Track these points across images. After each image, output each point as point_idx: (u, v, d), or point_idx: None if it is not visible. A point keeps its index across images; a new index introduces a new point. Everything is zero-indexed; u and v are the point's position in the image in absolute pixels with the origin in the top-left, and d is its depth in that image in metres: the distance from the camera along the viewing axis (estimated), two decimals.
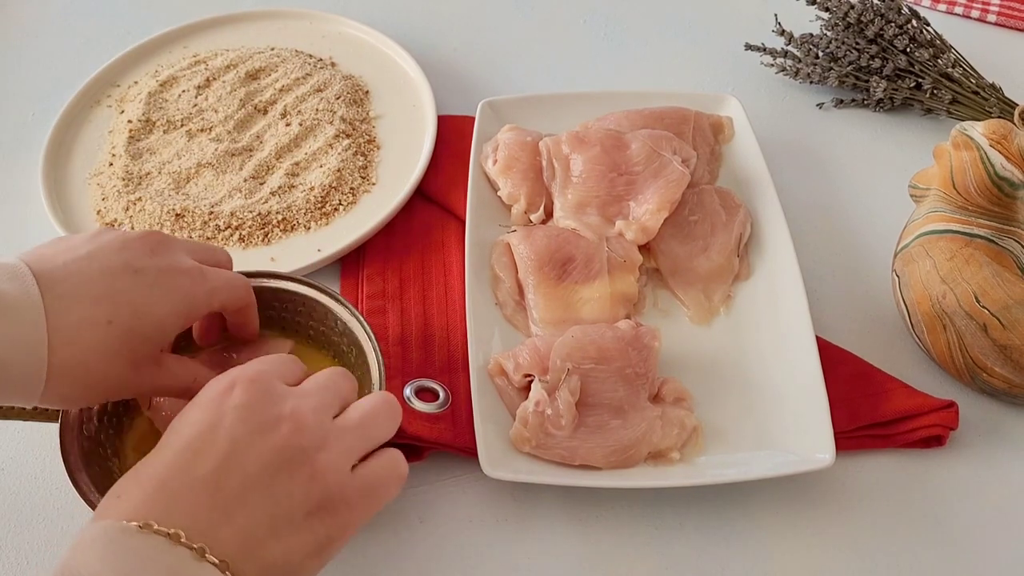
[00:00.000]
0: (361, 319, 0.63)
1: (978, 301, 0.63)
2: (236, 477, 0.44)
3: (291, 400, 0.47)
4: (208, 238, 0.76)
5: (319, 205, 0.78)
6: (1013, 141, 0.63)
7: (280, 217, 0.76)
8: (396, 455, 0.49)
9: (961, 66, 0.87)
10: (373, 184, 0.80)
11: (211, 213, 0.76)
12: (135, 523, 0.41)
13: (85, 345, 0.50)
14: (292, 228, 0.77)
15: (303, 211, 0.77)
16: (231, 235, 0.76)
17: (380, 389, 0.59)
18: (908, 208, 0.70)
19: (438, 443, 0.64)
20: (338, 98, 0.86)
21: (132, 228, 0.76)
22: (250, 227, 0.76)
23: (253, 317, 0.61)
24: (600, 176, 0.74)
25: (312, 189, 0.78)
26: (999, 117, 0.82)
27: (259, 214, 0.77)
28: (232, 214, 0.76)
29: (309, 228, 0.77)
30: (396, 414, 0.50)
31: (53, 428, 0.58)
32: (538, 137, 0.77)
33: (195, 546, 0.41)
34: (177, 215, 0.76)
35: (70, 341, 0.50)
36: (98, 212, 0.78)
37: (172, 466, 0.44)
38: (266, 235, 0.76)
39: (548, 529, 0.62)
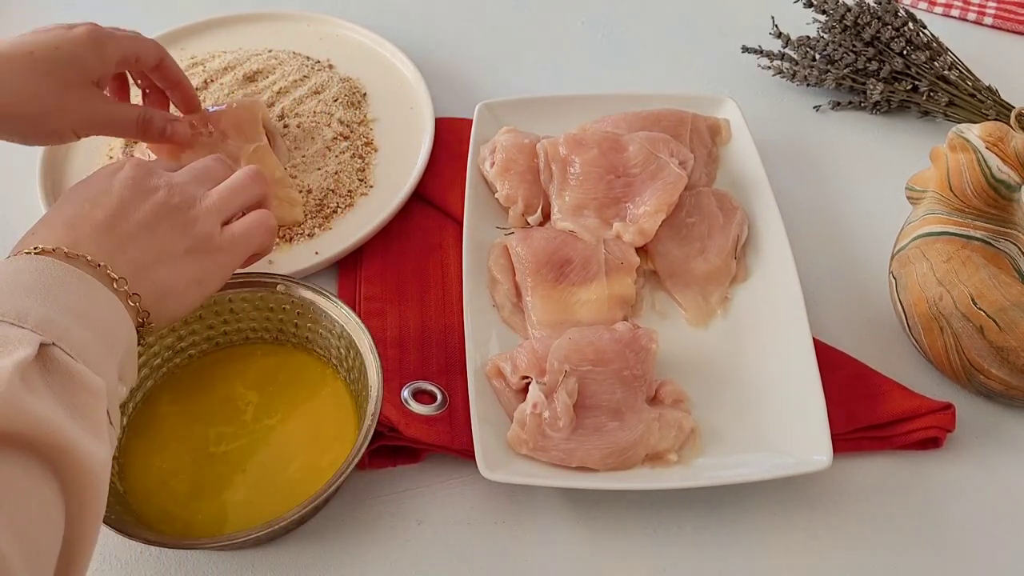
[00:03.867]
0: (359, 321, 0.63)
1: (975, 303, 0.63)
2: (125, 222, 0.55)
3: (168, 176, 0.59)
4: None
5: (317, 208, 0.78)
6: (1009, 143, 0.63)
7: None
8: (265, 213, 0.61)
9: (958, 68, 0.87)
10: (371, 187, 0.80)
11: None
12: (49, 248, 0.51)
13: (12, 72, 0.64)
14: (291, 238, 0.76)
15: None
16: None
17: (378, 391, 0.59)
18: (905, 210, 0.70)
19: (436, 445, 0.64)
20: (336, 100, 0.86)
21: None
22: None
23: (176, 72, 0.75)
24: (597, 178, 0.74)
25: (310, 192, 0.78)
26: (995, 119, 0.83)
27: None
28: None
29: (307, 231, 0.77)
30: (259, 179, 0.62)
31: None
32: (535, 139, 0.77)
33: (100, 264, 0.52)
34: None
35: (9, 82, 0.64)
36: None
37: (75, 214, 0.54)
38: None
39: (546, 531, 0.62)
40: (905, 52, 0.87)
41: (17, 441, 0.42)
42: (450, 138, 0.83)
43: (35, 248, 0.51)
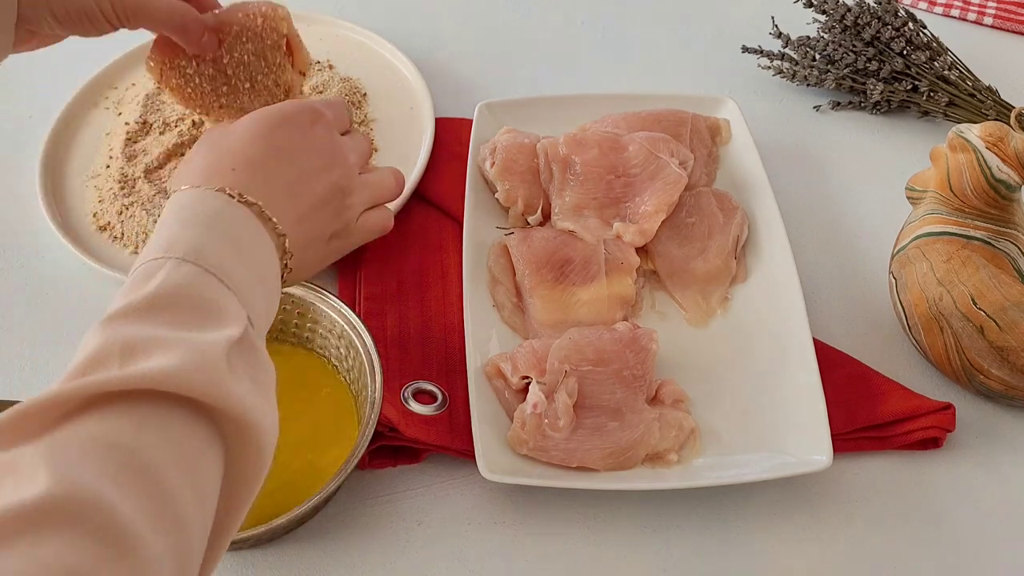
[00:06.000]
0: (358, 321, 0.63)
1: (975, 303, 0.63)
2: (304, 188, 0.56)
3: (344, 151, 0.60)
4: None
5: None
6: (1009, 143, 0.63)
7: None
8: (389, 215, 0.64)
9: (958, 68, 0.87)
10: None
11: None
12: (236, 192, 0.52)
13: None
14: None
15: None
16: None
17: (377, 391, 0.59)
18: (905, 210, 0.70)
19: (436, 445, 0.64)
20: None
21: (123, 233, 0.76)
22: None
23: None
24: (598, 178, 0.74)
25: None
26: (995, 120, 0.83)
27: None
28: None
29: None
30: (401, 182, 0.65)
31: None
32: (536, 139, 0.77)
33: (271, 218, 0.53)
34: None
35: None
36: (94, 215, 0.78)
37: (262, 162, 0.55)
38: None
39: (546, 531, 0.62)
40: (905, 52, 0.87)
41: (205, 411, 0.42)
42: (450, 138, 0.83)
43: (230, 190, 0.52)
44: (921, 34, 0.88)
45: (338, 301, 0.64)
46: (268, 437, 0.45)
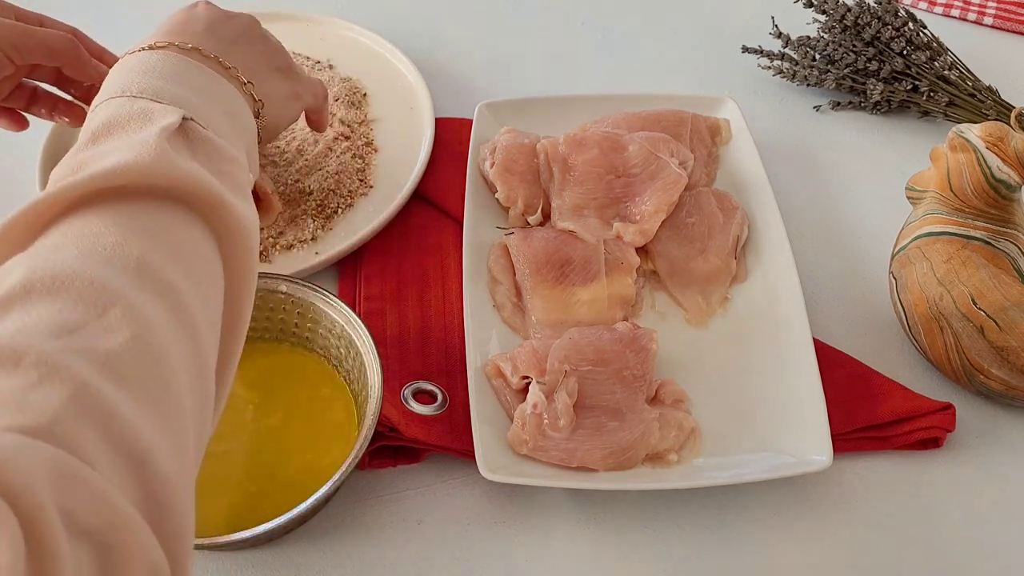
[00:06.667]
0: (358, 321, 0.63)
1: (975, 303, 0.63)
2: (224, 33, 0.60)
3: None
4: None
5: (318, 209, 0.77)
6: (1009, 143, 0.63)
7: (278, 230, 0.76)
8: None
9: (958, 68, 0.87)
10: (371, 187, 0.80)
11: None
12: (163, 43, 0.55)
13: None
14: (291, 246, 0.76)
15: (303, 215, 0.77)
16: None
17: (378, 391, 0.59)
18: (905, 210, 0.70)
19: (436, 445, 0.64)
20: (336, 100, 0.86)
21: None
22: None
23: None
24: (598, 178, 0.74)
25: (311, 194, 0.78)
26: (995, 120, 0.83)
27: None
28: None
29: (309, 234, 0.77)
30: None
31: None
32: (536, 139, 0.77)
33: (214, 55, 0.56)
34: None
35: None
36: None
37: (172, 29, 0.58)
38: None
39: (546, 531, 0.62)
40: (905, 52, 0.87)
41: (174, 194, 0.45)
42: (450, 138, 0.83)
43: (147, 45, 0.54)
44: (921, 34, 0.88)
45: (338, 301, 0.64)
46: (243, 216, 0.47)
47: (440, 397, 0.64)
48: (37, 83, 0.71)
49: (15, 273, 0.38)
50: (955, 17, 0.99)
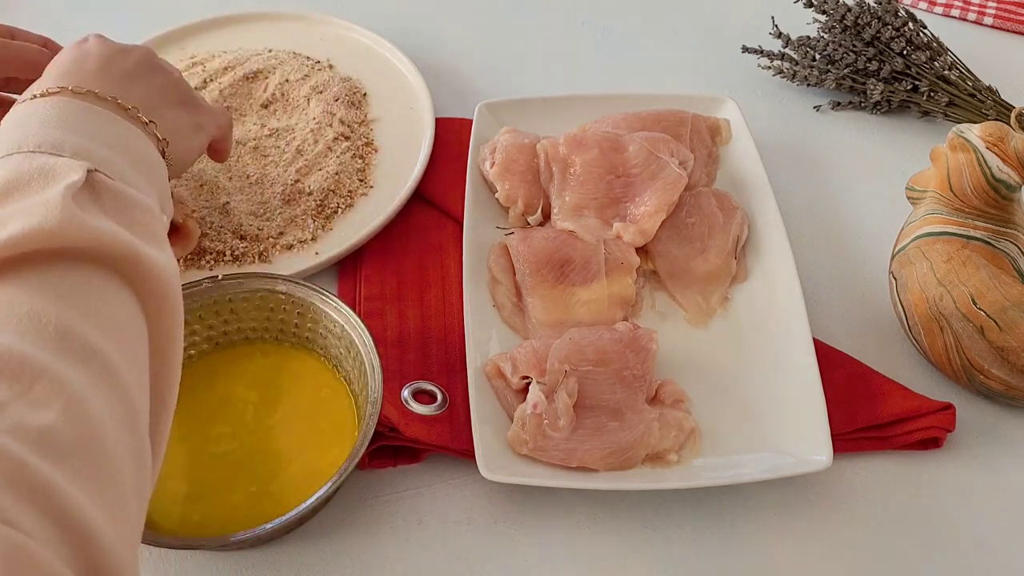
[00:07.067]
0: (358, 321, 0.63)
1: (975, 303, 0.63)
2: (119, 69, 0.57)
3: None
4: None
5: (318, 209, 0.77)
6: (1009, 143, 0.63)
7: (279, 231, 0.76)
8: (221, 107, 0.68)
9: (958, 68, 0.87)
10: (371, 187, 0.80)
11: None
12: (55, 88, 0.52)
13: None
14: (291, 246, 0.76)
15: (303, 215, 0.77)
16: None
17: (377, 391, 0.59)
18: (905, 210, 0.70)
19: (436, 445, 0.64)
20: (336, 100, 0.86)
21: None
22: None
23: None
24: (598, 178, 0.74)
25: (311, 194, 0.78)
26: (995, 119, 0.83)
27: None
28: None
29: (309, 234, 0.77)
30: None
31: None
32: (536, 139, 0.77)
33: (110, 96, 0.53)
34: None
35: None
36: None
37: (64, 70, 0.55)
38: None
39: (546, 531, 0.62)
40: (905, 52, 0.87)
41: (86, 255, 0.43)
42: (450, 138, 0.83)
43: (40, 92, 0.52)
44: (921, 34, 0.88)
45: (338, 301, 0.64)
46: (158, 266, 0.45)
47: (440, 397, 0.64)
48: (9, 95, 0.70)
49: None
50: (955, 17, 0.99)
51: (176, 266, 0.48)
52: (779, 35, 0.91)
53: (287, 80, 0.87)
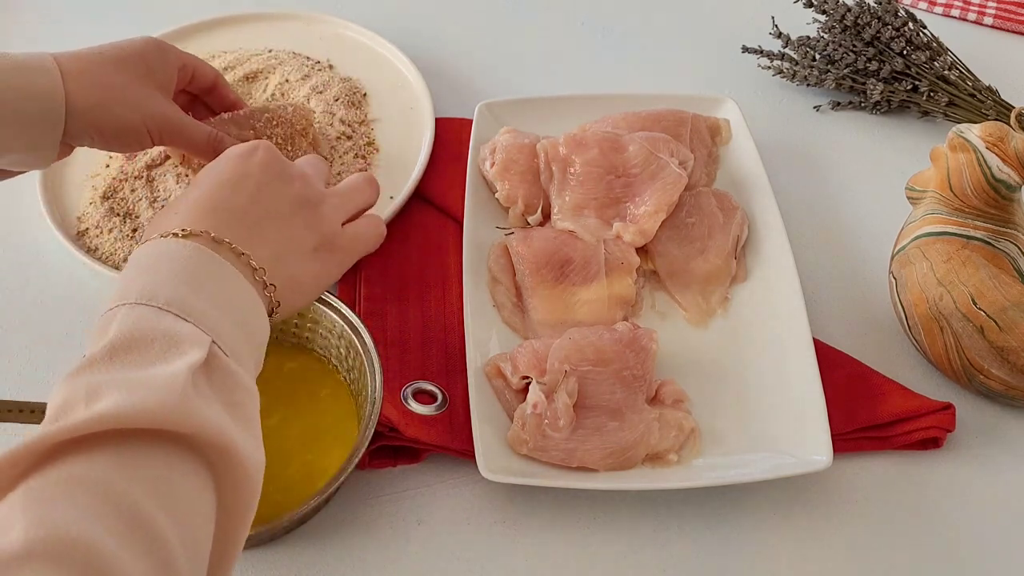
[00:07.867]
0: (358, 321, 0.63)
1: (975, 303, 0.63)
2: (264, 210, 0.56)
3: (298, 167, 0.60)
4: None
5: None
6: (1009, 143, 0.63)
7: None
8: (378, 219, 0.64)
9: (958, 68, 0.87)
10: None
11: None
12: (198, 231, 0.52)
13: (83, 66, 0.63)
14: None
15: None
16: None
17: (377, 391, 0.59)
18: (905, 210, 0.70)
19: (436, 445, 0.64)
20: (337, 100, 0.86)
21: (105, 234, 0.76)
22: None
23: (232, 96, 0.76)
24: (598, 178, 0.74)
25: None
26: (995, 119, 0.83)
27: None
28: None
29: None
30: (374, 185, 0.65)
31: None
32: (536, 139, 0.77)
33: (243, 252, 0.53)
34: None
35: (80, 76, 0.63)
36: (78, 218, 0.77)
37: (215, 198, 0.55)
38: None
39: (546, 531, 0.62)
40: (905, 52, 0.87)
41: (185, 442, 0.43)
42: (450, 138, 0.83)
43: (183, 230, 0.51)
44: (921, 34, 0.88)
45: (338, 301, 0.64)
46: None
47: (440, 397, 0.64)
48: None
49: (16, 529, 0.36)
50: (955, 17, 0.99)
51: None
52: (779, 35, 0.91)
53: (287, 80, 0.87)
